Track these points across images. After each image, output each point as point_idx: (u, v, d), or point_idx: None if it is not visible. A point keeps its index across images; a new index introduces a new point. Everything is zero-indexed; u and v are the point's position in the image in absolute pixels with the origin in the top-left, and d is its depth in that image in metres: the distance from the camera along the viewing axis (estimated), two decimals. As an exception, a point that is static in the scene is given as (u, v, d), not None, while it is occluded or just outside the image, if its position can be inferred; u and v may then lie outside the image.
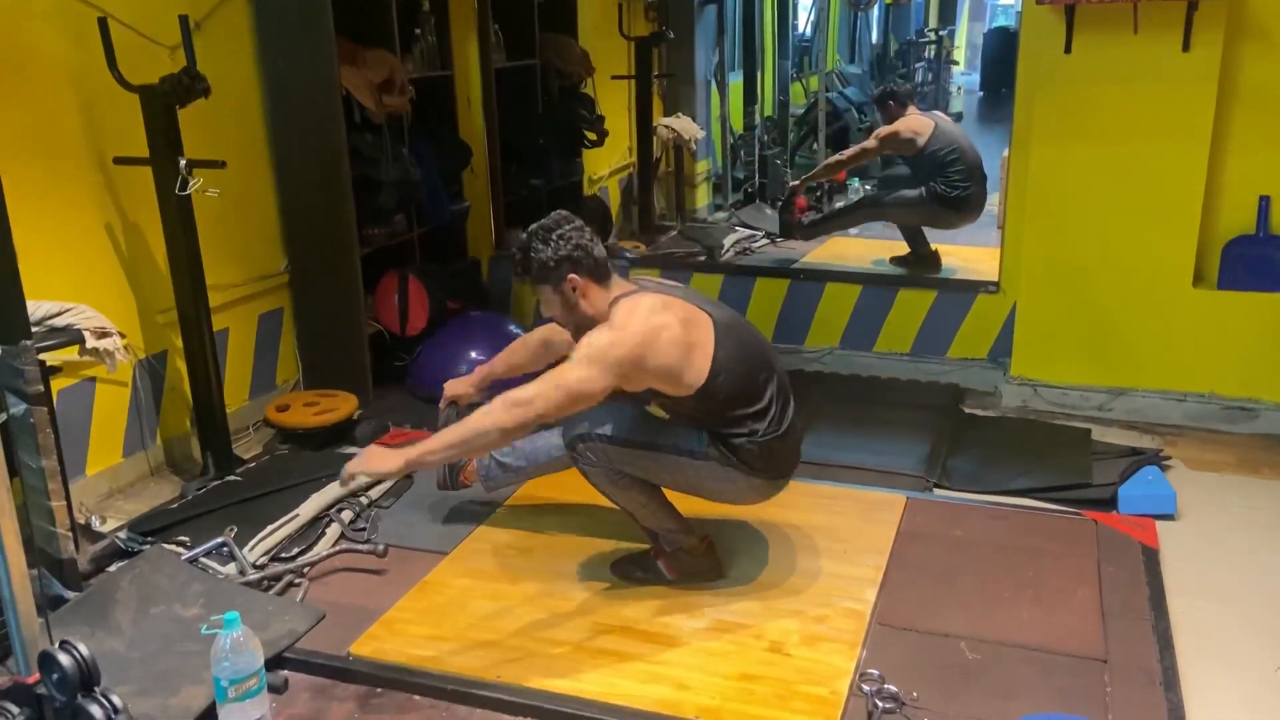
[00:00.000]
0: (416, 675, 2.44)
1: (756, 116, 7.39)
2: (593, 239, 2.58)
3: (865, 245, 5.85)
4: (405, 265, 4.44)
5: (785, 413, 2.68)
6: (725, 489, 2.70)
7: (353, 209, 3.96)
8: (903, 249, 5.34)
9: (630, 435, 2.65)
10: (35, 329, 2.62)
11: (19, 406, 2.42)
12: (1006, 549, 2.98)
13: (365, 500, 3.28)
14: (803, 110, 8.21)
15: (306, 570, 2.90)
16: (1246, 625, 2.64)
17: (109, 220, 3.37)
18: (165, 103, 3.14)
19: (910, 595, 2.76)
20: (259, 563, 2.90)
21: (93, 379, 3.33)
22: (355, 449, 3.70)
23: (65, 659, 1.93)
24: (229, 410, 3.61)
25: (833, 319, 4.54)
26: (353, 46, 4.14)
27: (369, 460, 2.45)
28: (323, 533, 3.07)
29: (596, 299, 2.56)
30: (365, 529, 3.15)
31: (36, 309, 2.72)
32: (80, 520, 3.07)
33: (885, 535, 3.05)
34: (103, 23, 3.07)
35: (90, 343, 2.81)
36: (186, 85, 3.12)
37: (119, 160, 3.28)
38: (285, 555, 2.96)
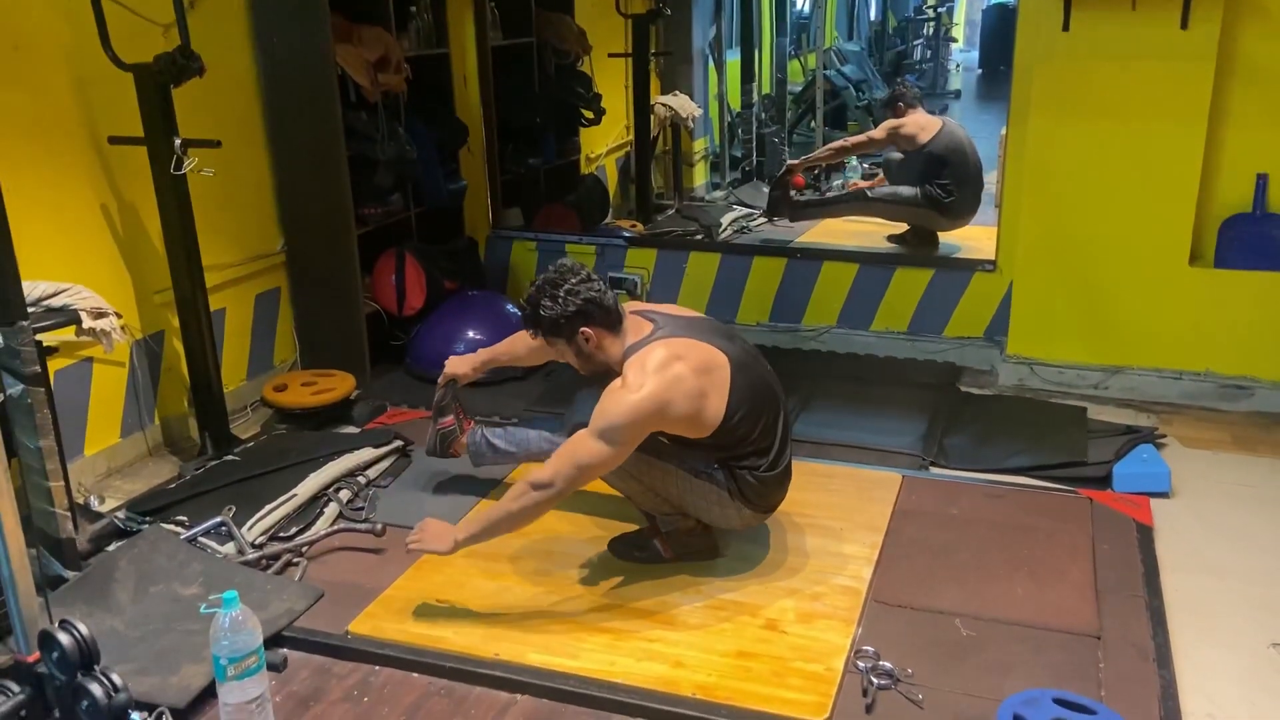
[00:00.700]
0: (415, 653, 2.45)
1: (754, 94, 7.34)
2: (601, 289, 2.58)
3: (863, 223, 5.83)
4: (402, 245, 4.43)
5: (785, 450, 2.72)
6: (714, 511, 2.72)
7: (349, 188, 3.95)
8: (900, 228, 5.33)
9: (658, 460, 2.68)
10: (32, 309, 2.61)
11: (16, 387, 2.42)
12: (1002, 527, 2.99)
13: (363, 480, 3.29)
14: (800, 88, 8.17)
15: (305, 549, 2.91)
16: (1240, 601, 2.66)
17: (104, 200, 3.36)
18: (160, 82, 3.13)
19: (906, 573, 2.77)
20: (257, 542, 2.91)
21: (90, 359, 3.34)
22: (353, 428, 3.72)
23: (65, 638, 1.95)
24: (226, 390, 3.62)
25: (830, 298, 4.54)
26: (348, 24, 4.12)
27: (426, 540, 2.54)
28: (321, 512, 3.08)
29: (611, 347, 2.59)
30: (363, 508, 3.16)
31: (33, 289, 2.72)
32: (79, 500, 3.08)
33: (881, 513, 3.06)
34: (96, 1, 3.05)
35: (87, 323, 2.81)
36: (181, 64, 3.11)
37: (114, 140, 3.27)
38: (284, 534, 2.97)
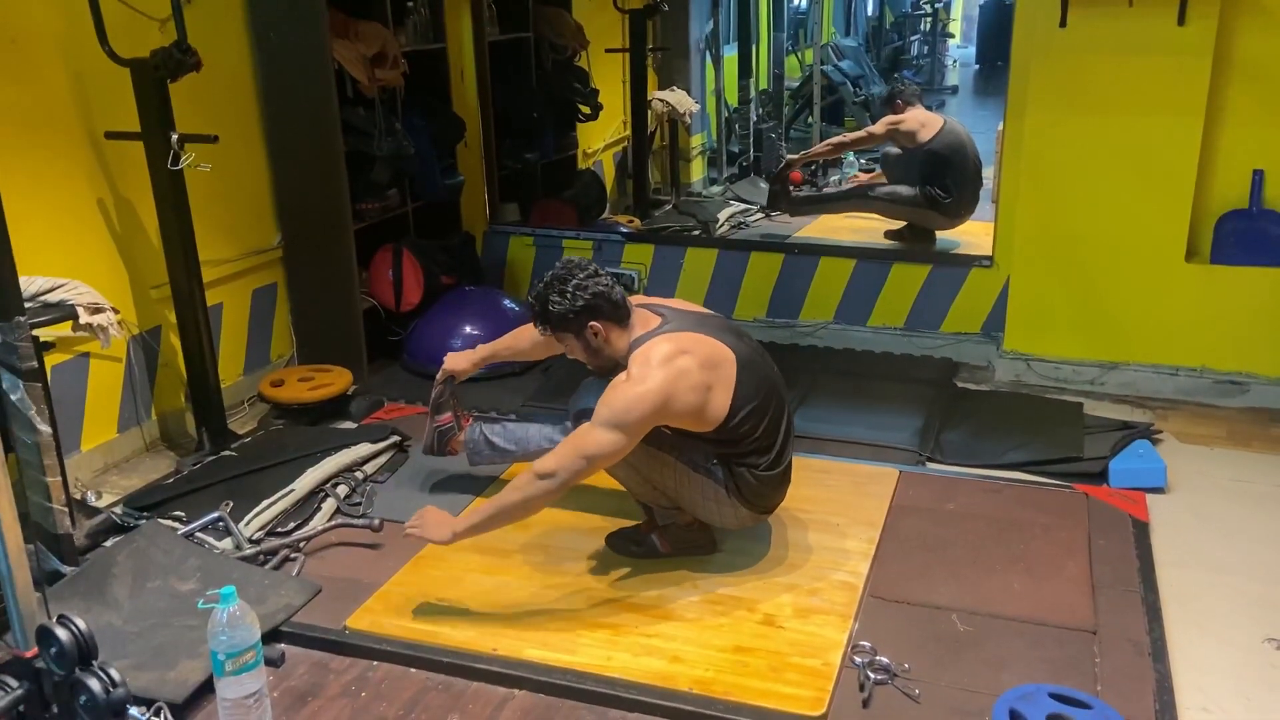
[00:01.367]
0: (412, 648, 2.46)
1: (751, 90, 7.35)
2: (609, 284, 2.59)
3: (860, 219, 5.83)
4: (399, 240, 4.43)
5: (786, 450, 2.72)
6: (709, 507, 2.71)
7: (346, 183, 3.95)
8: (896, 223, 5.33)
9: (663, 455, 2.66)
10: (28, 305, 2.61)
11: (13, 383, 2.42)
12: (998, 522, 3.00)
13: (360, 475, 3.29)
14: (798, 84, 8.17)
15: (302, 545, 2.92)
16: (1235, 597, 2.67)
17: (101, 195, 3.35)
18: (156, 77, 3.12)
19: (902, 568, 2.78)
20: (255, 537, 2.91)
21: (87, 355, 3.33)
22: (350, 424, 3.72)
23: (63, 633, 1.95)
24: (223, 386, 3.62)
25: (827, 293, 4.54)
26: (345, 19, 4.12)
27: (425, 528, 2.54)
28: (318, 507, 3.08)
29: (619, 341, 2.59)
30: (360, 503, 3.16)
31: (29, 285, 2.71)
32: (76, 496, 3.08)
33: (878, 508, 3.07)
34: (92, -5, 3.05)
35: (84, 318, 2.81)
36: (178, 59, 3.10)
37: (110, 135, 3.26)
38: (281, 530, 2.97)
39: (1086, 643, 2.45)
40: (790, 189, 5.70)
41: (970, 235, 5.05)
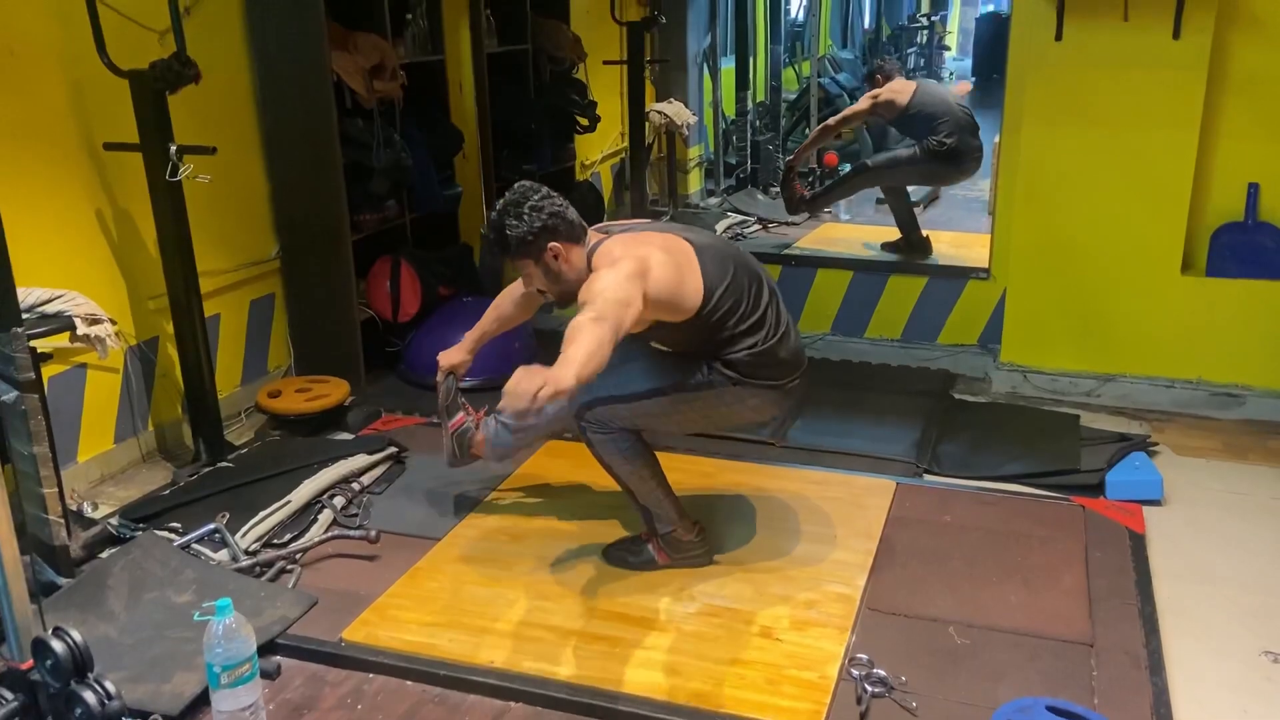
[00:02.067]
0: (409, 661, 2.45)
1: (749, 102, 7.37)
2: (564, 203, 2.56)
3: (857, 231, 5.86)
4: (397, 250, 4.43)
5: (780, 316, 2.66)
6: (739, 410, 2.67)
7: (344, 194, 3.95)
8: (893, 235, 5.36)
9: (635, 389, 2.64)
10: (26, 316, 2.61)
11: (10, 393, 2.42)
12: (995, 534, 3.00)
13: (357, 486, 3.29)
14: (795, 95, 8.20)
15: (299, 556, 2.91)
16: (1231, 609, 2.67)
17: (99, 206, 3.36)
18: (155, 88, 3.12)
19: (900, 580, 2.78)
20: (251, 549, 2.90)
21: (84, 365, 3.33)
22: (347, 435, 3.71)
23: (59, 645, 1.94)
24: (220, 396, 3.62)
25: (824, 305, 4.55)
26: (343, 31, 4.13)
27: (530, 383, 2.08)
28: (315, 519, 3.07)
29: (578, 260, 2.55)
30: (357, 515, 3.15)
31: (27, 296, 2.71)
32: (72, 507, 3.07)
33: (875, 520, 3.07)
34: (92, 7, 3.05)
35: (81, 329, 2.81)
36: (177, 71, 3.11)
37: (109, 146, 3.27)
38: (277, 541, 2.96)
39: (1083, 655, 2.45)
40: (801, 189, 5.76)
41: (966, 247, 5.07)
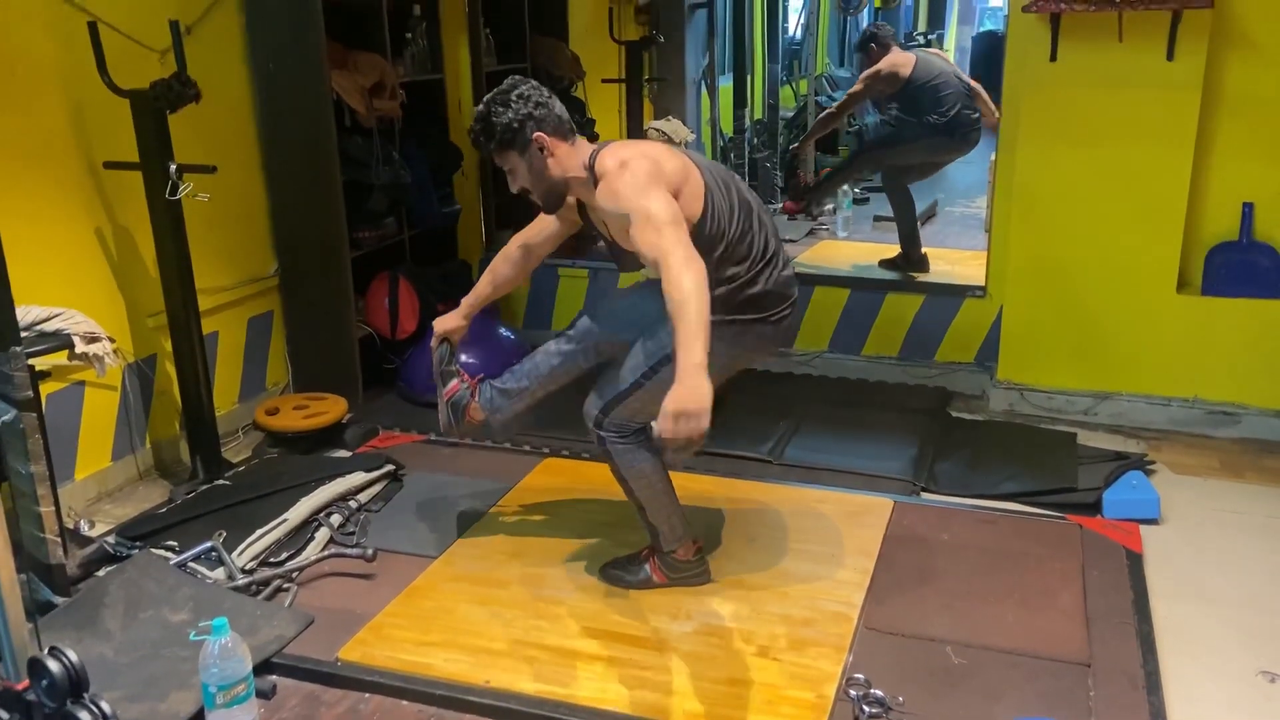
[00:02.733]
0: (405, 680, 2.45)
1: (746, 119, 7.40)
2: (551, 95, 2.54)
3: (854, 248, 5.88)
4: (395, 268, 4.44)
5: (768, 245, 2.61)
6: (739, 354, 2.61)
7: (343, 212, 3.97)
8: (890, 252, 5.37)
9: (636, 376, 2.60)
10: (25, 334, 2.61)
11: (8, 412, 2.42)
12: (992, 553, 3.00)
13: (355, 504, 3.28)
14: (792, 113, 8.23)
15: (295, 575, 2.90)
16: (1229, 628, 2.67)
17: (99, 225, 3.37)
18: (156, 108, 3.14)
19: (897, 599, 2.78)
20: (248, 567, 2.90)
21: (82, 383, 3.34)
22: (345, 452, 3.71)
23: (54, 665, 1.94)
24: (218, 414, 3.62)
25: (821, 322, 4.56)
26: (343, 50, 4.15)
27: (689, 403, 2.02)
28: (311, 537, 3.07)
29: (565, 157, 2.54)
30: (354, 533, 3.15)
31: (26, 314, 2.72)
32: (69, 525, 3.08)
33: (872, 539, 3.07)
34: (93, 27, 3.07)
35: (80, 348, 2.81)
36: (177, 90, 3.12)
37: (109, 165, 3.28)
38: (274, 560, 2.96)
39: (1081, 675, 2.45)
40: (804, 179, 5.76)
41: (963, 265, 5.09)
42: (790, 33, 8.99)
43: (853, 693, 2.37)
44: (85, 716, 1.93)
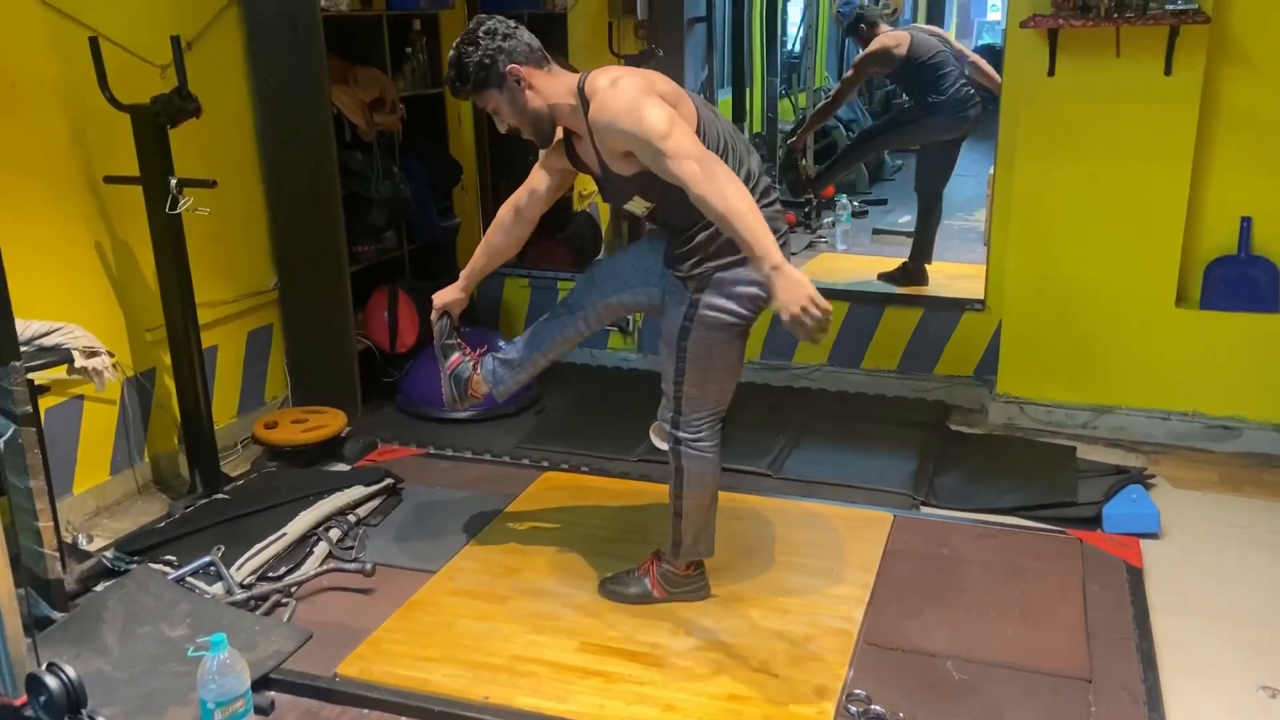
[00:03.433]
0: (404, 696, 2.44)
1: (745, 133, 7.42)
2: (516, 25, 2.52)
3: (854, 261, 5.89)
4: (395, 282, 4.45)
5: (751, 174, 2.56)
6: (738, 298, 2.52)
7: (343, 226, 3.97)
8: (890, 265, 5.37)
9: (676, 365, 2.56)
10: (24, 348, 2.61)
11: (7, 427, 2.42)
12: (992, 567, 3.00)
13: (353, 518, 3.28)
14: (791, 127, 8.25)
15: (294, 590, 2.90)
16: (1229, 643, 2.66)
17: (98, 239, 3.37)
18: (157, 123, 3.15)
19: (897, 614, 2.77)
20: (246, 582, 2.89)
21: (81, 397, 3.33)
22: (344, 466, 3.71)
23: (52, 681, 1.94)
24: (217, 427, 3.62)
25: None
26: (344, 65, 4.17)
27: (791, 292, 2.15)
28: (310, 551, 3.07)
29: (545, 85, 2.51)
30: (353, 547, 3.14)
31: (25, 328, 2.72)
32: (67, 539, 3.07)
33: (872, 553, 3.06)
34: (94, 42, 3.08)
35: (79, 362, 2.81)
36: (178, 105, 3.13)
37: (109, 179, 3.29)
38: (273, 574, 2.95)
39: (1082, 691, 2.44)
40: (803, 168, 5.72)
41: (962, 279, 5.09)
42: (789, 46, 9.02)
43: (853, 708, 2.37)
44: (83, 733, 1.92)
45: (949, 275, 5.22)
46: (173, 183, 3.19)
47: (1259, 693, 2.46)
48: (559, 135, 2.65)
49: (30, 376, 2.53)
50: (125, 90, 3.17)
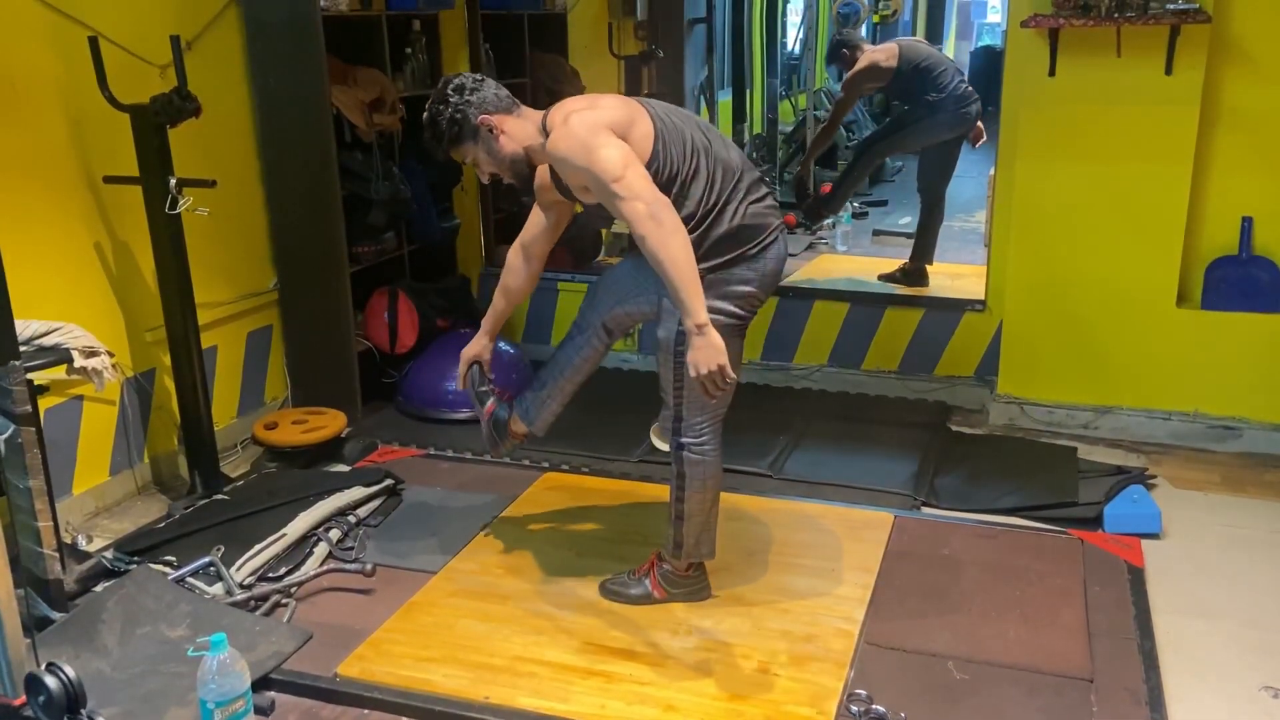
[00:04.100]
0: (404, 696, 2.44)
1: (745, 134, 7.43)
2: (482, 78, 2.59)
3: (854, 262, 5.88)
4: (395, 282, 4.45)
5: (730, 176, 2.54)
6: (732, 293, 2.55)
7: (342, 227, 3.97)
8: (890, 266, 5.37)
9: (671, 378, 2.59)
10: (23, 348, 2.61)
11: (7, 427, 2.41)
12: (993, 568, 2.99)
13: (353, 519, 3.27)
14: (791, 128, 8.26)
15: (294, 590, 2.89)
16: (1231, 643, 2.66)
17: (98, 239, 3.37)
18: (156, 123, 3.14)
19: (898, 614, 2.77)
20: (246, 582, 2.88)
21: (80, 397, 3.33)
22: (343, 467, 3.71)
23: (52, 681, 1.93)
24: (217, 428, 3.61)
25: (821, 337, 4.56)
26: (344, 66, 4.17)
27: (704, 355, 2.27)
28: (310, 552, 3.06)
29: (516, 130, 2.58)
30: (353, 548, 3.14)
31: (25, 328, 2.72)
32: (66, 540, 3.06)
33: (873, 554, 3.06)
34: (93, 42, 3.08)
35: (78, 362, 2.81)
36: (178, 105, 3.13)
37: (109, 179, 3.28)
38: (273, 575, 2.95)
39: (1083, 691, 2.44)
40: (815, 195, 5.73)
41: (962, 279, 5.09)
42: (789, 47, 9.04)
43: (854, 708, 2.36)
44: (82, 733, 1.92)
45: (950, 276, 5.22)
46: (172, 183, 3.19)
47: (1261, 693, 2.46)
48: (545, 175, 2.71)
49: (30, 376, 2.53)
50: (125, 90, 3.17)
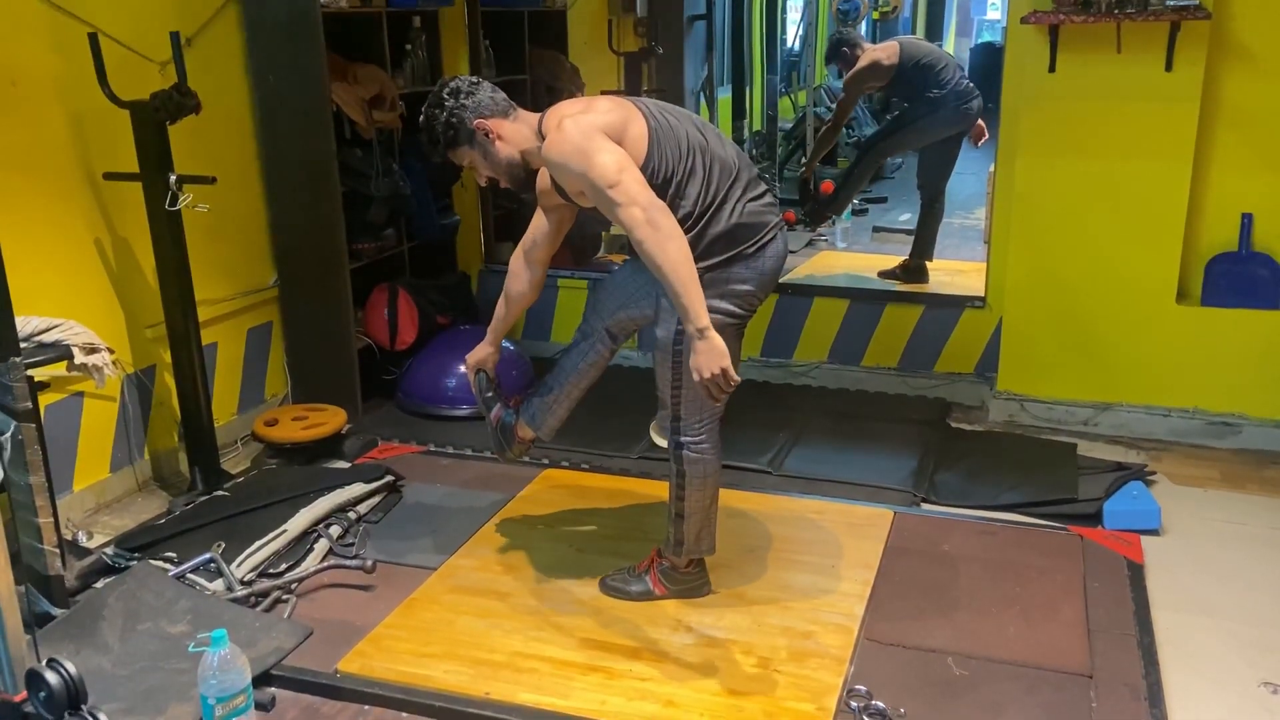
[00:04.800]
0: (405, 692, 2.44)
1: (745, 131, 7.42)
2: (478, 81, 2.59)
3: (854, 259, 5.88)
4: (395, 279, 4.45)
5: (726, 175, 2.53)
6: (732, 292, 2.55)
7: (342, 223, 3.97)
8: (890, 262, 5.37)
9: (668, 379, 2.60)
10: (24, 345, 2.61)
11: (7, 423, 2.41)
12: (993, 564, 2.99)
13: (353, 515, 3.28)
14: (791, 125, 8.25)
15: (294, 586, 2.90)
16: (1230, 640, 2.66)
17: (98, 235, 3.37)
18: (156, 119, 3.14)
19: (898, 611, 2.77)
20: (246, 579, 2.89)
21: (80, 394, 3.33)
22: (344, 463, 3.71)
23: (53, 677, 1.93)
24: (217, 425, 3.61)
25: (821, 333, 4.56)
26: (343, 62, 4.16)
27: (707, 359, 2.27)
28: (311, 548, 3.06)
29: (512, 134, 2.58)
30: (353, 544, 3.14)
31: (25, 325, 2.72)
32: (67, 536, 3.06)
33: (873, 550, 3.06)
34: (93, 38, 3.08)
35: (79, 358, 2.81)
36: (178, 102, 3.13)
37: (108, 176, 3.28)
38: (273, 571, 2.95)
39: (1083, 687, 2.44)
40: (819, 198, 5.73)
41: (962, 276, 5.09)
42: (789, 44, 9.02)
43: (854, 704, 2.37)
44: (83, 729, 1.92)
45: (949, 272, 5.22)
46: (172, 179, 3.19)
47: (1260, 689, 2.46)
48: (546, 179, 2.69)
49: (30, 373, 2.53)
50: (125, 87, 3.17)
